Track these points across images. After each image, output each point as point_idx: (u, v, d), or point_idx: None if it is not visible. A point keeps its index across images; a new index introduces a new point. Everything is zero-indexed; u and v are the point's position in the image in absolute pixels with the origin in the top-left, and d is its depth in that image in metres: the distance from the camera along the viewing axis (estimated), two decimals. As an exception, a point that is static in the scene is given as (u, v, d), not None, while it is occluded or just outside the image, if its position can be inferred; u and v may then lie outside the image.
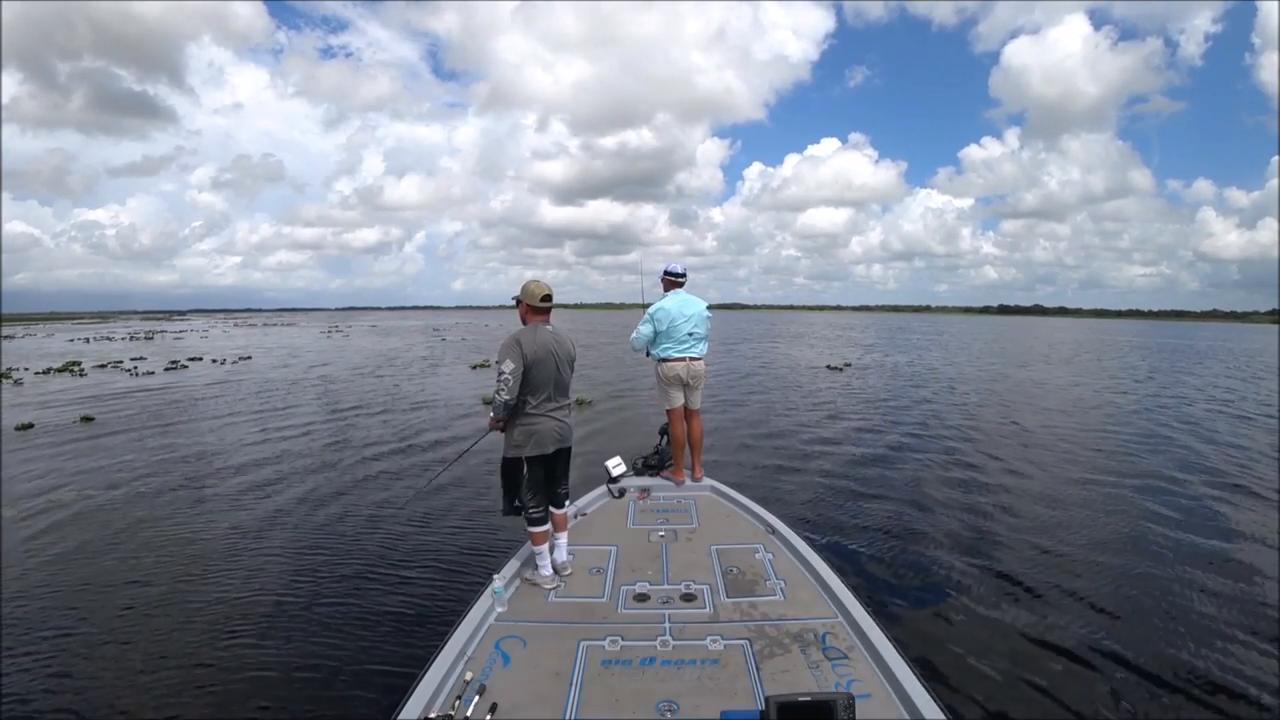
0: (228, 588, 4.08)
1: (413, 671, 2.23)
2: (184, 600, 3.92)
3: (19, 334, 45.28)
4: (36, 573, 4.30)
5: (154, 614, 3.75)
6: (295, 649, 3.35)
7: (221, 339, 36.13)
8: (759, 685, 2.13)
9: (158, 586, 4.11)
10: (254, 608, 3.81)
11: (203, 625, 3.61)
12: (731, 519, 3.76)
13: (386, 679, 3.02)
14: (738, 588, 2.85)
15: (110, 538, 4.93)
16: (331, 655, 3.28)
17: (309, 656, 3.27)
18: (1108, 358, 24.69)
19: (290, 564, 4.45)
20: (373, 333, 44.07)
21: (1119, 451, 8.07)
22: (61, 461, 7.37)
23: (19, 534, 5.01)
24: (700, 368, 4.32)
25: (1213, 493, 6.18)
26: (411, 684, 2.11)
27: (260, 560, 4.52)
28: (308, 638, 3.46)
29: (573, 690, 2.12)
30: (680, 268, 4.35)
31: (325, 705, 2.91)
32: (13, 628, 3.56)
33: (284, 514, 5.51)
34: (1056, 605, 3.88)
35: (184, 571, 4.33)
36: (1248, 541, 4.93)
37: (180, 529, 5.16)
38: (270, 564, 4.46)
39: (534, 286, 2.98)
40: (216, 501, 5.89)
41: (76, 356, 22.33)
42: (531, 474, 2.98)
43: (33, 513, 5.50)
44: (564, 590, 2.87)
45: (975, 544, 4.83)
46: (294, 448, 8.00)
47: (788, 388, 14.15)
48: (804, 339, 35.93)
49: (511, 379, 2.79)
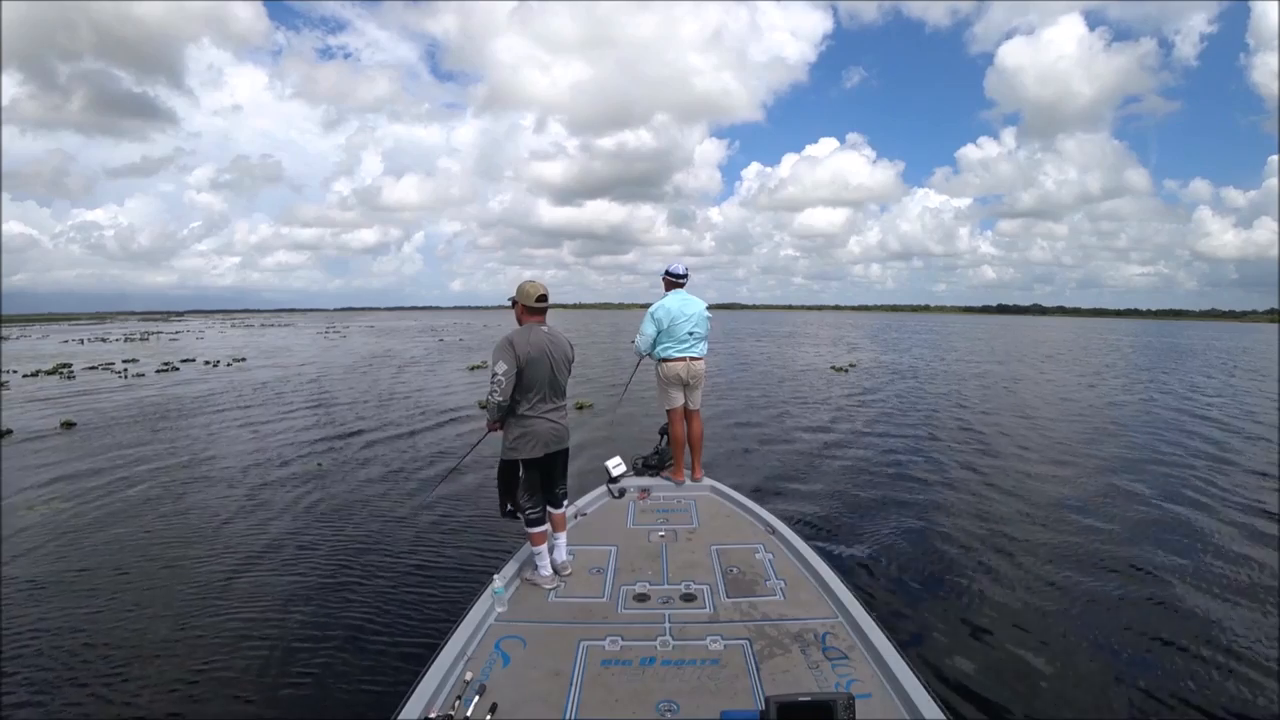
0: (225, 589, 4.06)
1: (413, 671, 2.23)
2: (180, 601, 3.90)
3: (14, 335, 45.06)
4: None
5: (149, 615, 3.73)
6: (295, 649, 3.34)
7: (217, 340, 35.96)
8: (759, 685, 2.13)
9: (153, 588, 4.09)
10: (253, 609, 3.80)
11: (202, 626, 3.59)
12: (731, 519, 3.76)
13: (386, 679, 3.01)
14: (738, 588, 2.86)
15: (86, 553, 4.68)
16: (331, 655, 3.27)
17: (309, 657, 3.26)
18: (1111, 359, 24.78)
19: (288, 566, 4.43)
20: (370, 333, 43.92)
21: (1120, 455, 8.10)
22: (32, 474, 6.84)
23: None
24: (700, 367, 4.32)
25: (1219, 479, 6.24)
26: (411, 684, 2.10)
27: (258, 562, 4.49)
28: (307, 638, 3.44)
29: (573, 690, 2.12)
30: (682, 268, 4.36)
31: (325, 705, 2.90)
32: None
33: (282, 516, 5.48)
34: (1056, 605, 3.89)
35: (177, 572, 4.31)
36: (1254, 545, 4.95)
37: (174, 531, 5.14)
38: (268, 566, 4.43)
39: (529, 287, 2.97)
40: (209, 504, 5.85)
41: (68, 358, 22.02)
42: (528, 475, 2.97)
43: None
44: (564, 590, 2.87)
45: (975, 544, 4.83)
46: (287, 452, 7.90)
47: (787, 387, 14.17)
48: (804, 339, 35.97)
49: (504, 380, 2.79)
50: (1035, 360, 22.90)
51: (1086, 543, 4.86)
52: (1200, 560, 4.53)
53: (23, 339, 38.87)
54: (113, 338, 38.92)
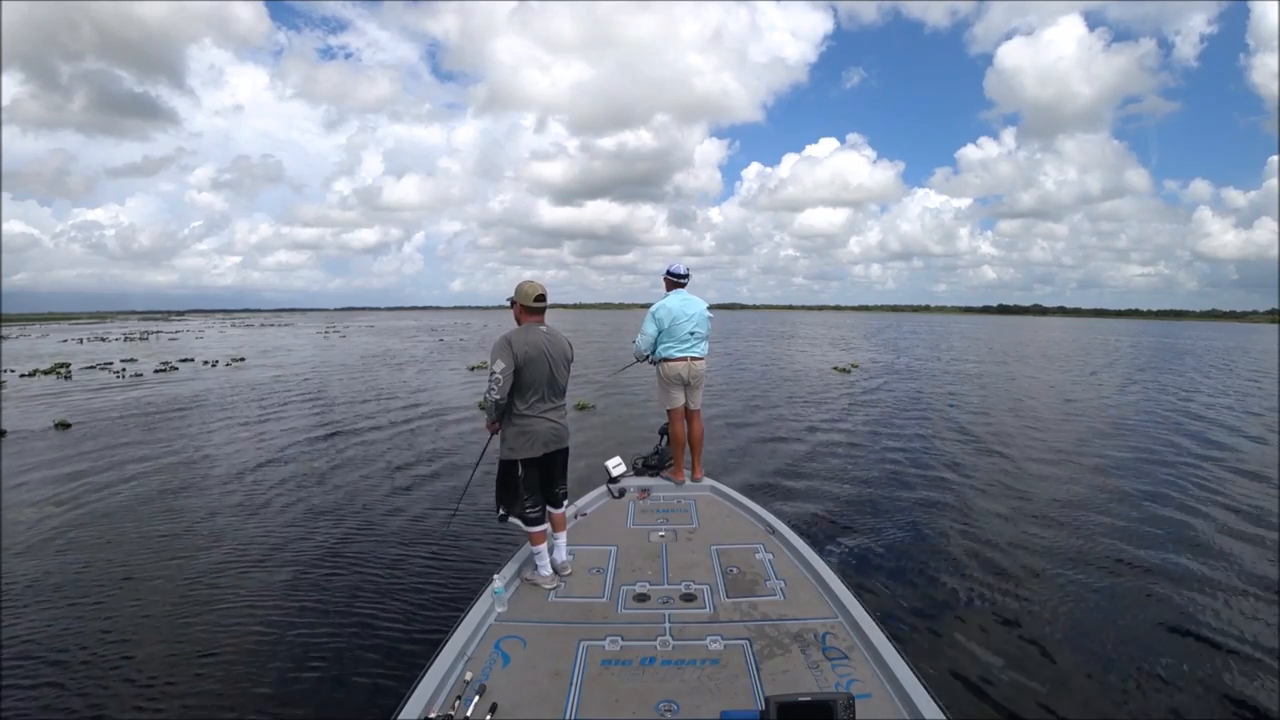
0: (223, 589, 4.06)
1: (413, 671, 2.23)
2: (178, 601, 3.90)
3: (14, 334, 45.02)
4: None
5: (146, 616, 3.73)
6: (295, 650, 3.34)
7: (217, 340, 35.94)
8: (759, 685, 2.13)
9: (148, 589, 4.09)
10: (251, 610, 3.80)
11: (201, 627, 3.60)
12: (731, 519, 3.76)
13: (386, 679, 3.01)
14: (738, 588, 2.86)
15: (82, 554, 4.68)
16: (331, 655, 3.27)
17: (309, 657, 3.26)
18: (1111, 359, 24.78)
19: (287, 567, 4.42)
20: (370, 333, 43.92)
21: (1121, 456, 8.10)
22: (23, 475, 6.76)
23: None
24: (701, 367, 4.32)
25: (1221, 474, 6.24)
26: (411, 684, 2.10)
27: (256, 563, 4.50)
28: (307, 638, 3.45)
29: (573, 690, 2.12)
30: (683, 268, 4.36)
31: (325, 705, 2.90)
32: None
33: (279, 517, 5.48)
34: (1057, 605, 3.89)
35: (175, 573, 4.30)
36: (1255, 545, 4.96)
37: (168, 529, 5.14)
38: (266, 567, 4.43)
39: (527, 287, 2.99)
40: (206, 505, 5.85)
41: (66, 358, 21.94)
42: (527, 475, 2.98)
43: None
44: (564, 590, 2.87)
45: (975, 544, 4.83)
46: (283, 453, 7.88)
47: (787, 388, 14.17)
48: (805, 340, 35.99)
49: (502, 379, 2.80)
50: (1036, 361, 22.90)
51: (1087, 543, 4.87)
52: (1201, 560, 4.53)
53: (22, 338, 38.86)
54: (112, 337, 38.90)
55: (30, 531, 5.10)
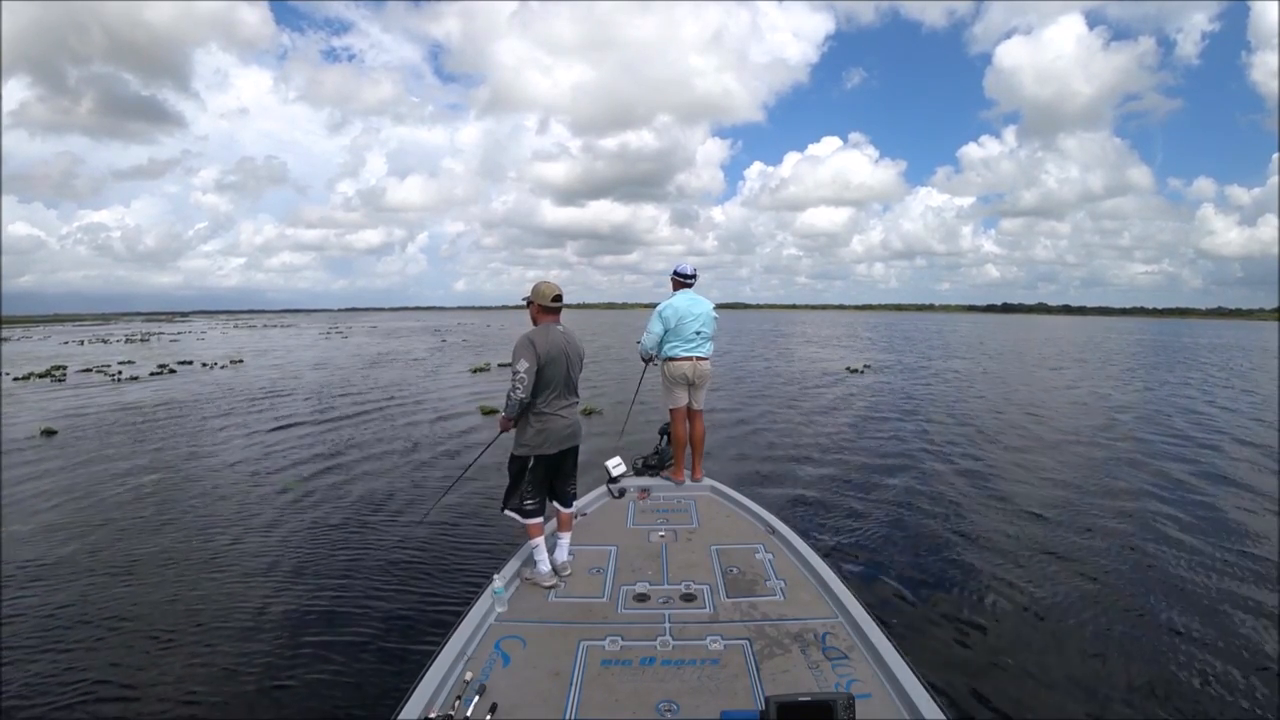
0: (222, 589, 4.07)
1: (413, 671, 2.24)
2: (176, 601, 3.90)
3: (15, 336, 45.13)
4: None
5: (147, 617, 3.74)
6: (295, 650, 3.34)
7: (218, 341, 36.00)
8: (759, 685, 2.13)
9: (146, 590, 4.09)
10: (250, 610, 3.80)
11: (199, 626, 3.60)
12: (731, 519, 3.76)
13: (386, 679, 3.01)
14: (738, 588, 2.86)
15: (73, 555, 4.65)
16: (331, 655, 3.27)
17: (309, 657, 3.27)
18: (1118, 358, 24.71)
19: (286, 568, 4.43)
20: (373, 334, 43.95)
21: (1124, 456, 8.07)
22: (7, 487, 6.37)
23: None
24: (706, 367, 4.32)
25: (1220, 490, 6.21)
26: (411, 684, 2.10)
27: (255, 563, 4.51)
28: (308, 639, 3.45)
29: (572, 690, 2.12)
30: (690, 269, 4.36)
31: (326, 705, 2.91)
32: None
33: (278, 518, 5.49)
34: (1058, 605, 3.88)
35: (172, 573, 4.31)
36: (1256, 544, 4.94)
37: (165, 530, 5.14)
38: (265, 568, 4.44)
39: (545, 287, 3.06)
40: (203, 506, 5.86)
41: (65, 360, 21.78)
42: (535, 471, 3.01)
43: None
44: (564, 590, 2.87)
45: (976, 544, 4.83)
46: (280, 455, 7.83)
47: (788, 388, 14.16)
48: (807, 339, 35.95)
49: (527, 377, 2.86)
50: (1040, 361, 22.84)
51: (1089, 543, 4.86)
52: (1203, 560, 4.52)
53: (25, 340, 38.96)
54: (114, 339, 38.97)
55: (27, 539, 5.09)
